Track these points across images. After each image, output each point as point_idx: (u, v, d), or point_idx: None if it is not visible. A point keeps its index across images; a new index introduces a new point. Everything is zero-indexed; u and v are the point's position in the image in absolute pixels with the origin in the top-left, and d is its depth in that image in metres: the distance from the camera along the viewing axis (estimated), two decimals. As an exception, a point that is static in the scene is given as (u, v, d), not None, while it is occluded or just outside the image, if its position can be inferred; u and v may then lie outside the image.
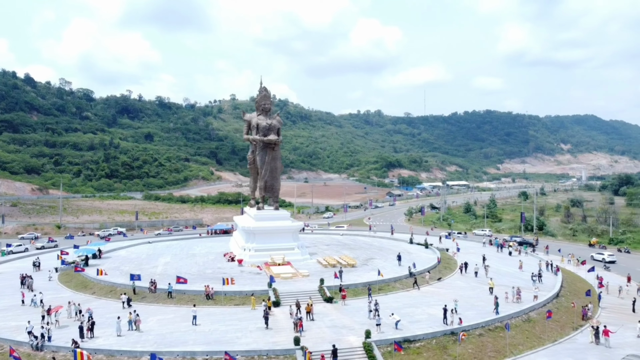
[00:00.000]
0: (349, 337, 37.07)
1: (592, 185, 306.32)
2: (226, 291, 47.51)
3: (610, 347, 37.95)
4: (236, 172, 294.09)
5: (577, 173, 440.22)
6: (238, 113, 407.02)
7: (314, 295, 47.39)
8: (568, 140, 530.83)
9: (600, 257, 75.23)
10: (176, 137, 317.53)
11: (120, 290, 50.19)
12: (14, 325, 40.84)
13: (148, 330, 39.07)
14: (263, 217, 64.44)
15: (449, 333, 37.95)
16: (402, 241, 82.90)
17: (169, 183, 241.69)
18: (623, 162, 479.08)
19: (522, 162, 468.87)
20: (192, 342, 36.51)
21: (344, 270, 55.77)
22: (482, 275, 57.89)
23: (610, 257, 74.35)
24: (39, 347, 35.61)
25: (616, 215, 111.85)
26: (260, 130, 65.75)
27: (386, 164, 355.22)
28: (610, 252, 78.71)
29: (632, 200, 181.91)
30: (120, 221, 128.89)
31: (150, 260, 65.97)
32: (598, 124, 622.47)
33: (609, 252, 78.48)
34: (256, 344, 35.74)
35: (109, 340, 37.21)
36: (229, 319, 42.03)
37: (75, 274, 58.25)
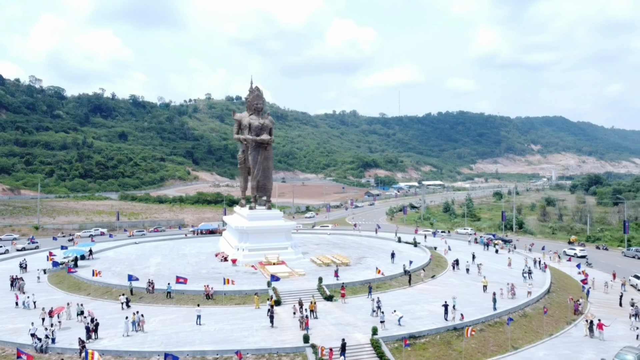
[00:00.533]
0: (355, 334, 37.57)
1: (562, 185, 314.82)
2: (226, 291, 47.52)
3: (604, 339, 39.46)
4: (213, 172, 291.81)
5: (547, 173, 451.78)
6: (214, 112, 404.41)
7: (314, 293, 47.74)
8: (538, 141, 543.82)
9: (572, 252, 79.10)
10: (151, 136, 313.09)
11: (116, 292, 49.64)
12: (12, 328, 40.08)
13: (152, 331, 38.83)
14: (256, 217, 64.44)
15: (452, 329, 38.84)
16: (389, 240, 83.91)
17: (144, 183, 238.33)
18: (590, 163, 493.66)
19: (494, 162, 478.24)
20: (199, 341, 36.47)
21: (339, 268, 56.26)
22: (473, 272, 59.25)
23: (581, 252, 78.48)
24: (44, 349, 35.06)
25: (591, 214, 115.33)
26: (252, 129, 65.72)
27: (362, 164, 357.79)
28: (582, 248, 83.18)
29: (602, 199, 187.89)
30: (100, 222, 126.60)
31: (141, 261, 65.23)
32: (566, 125, 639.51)
33: (580, 248, 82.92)
34: (264, 343, 35.92)
35: (114, 341, 36.87)
36: (232, 318, 42.07)
37: (67, 275, 57.32)
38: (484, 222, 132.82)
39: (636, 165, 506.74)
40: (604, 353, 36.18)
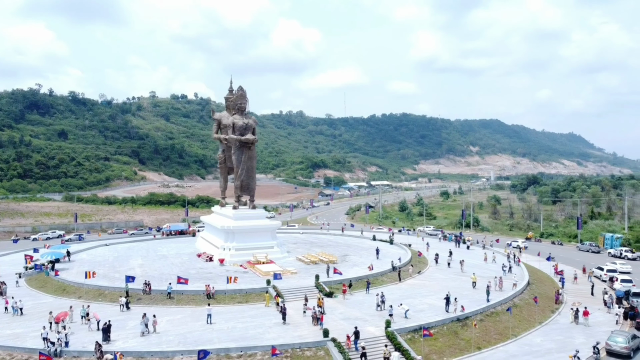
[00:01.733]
0: (368, 327, 38.96)
1: (502, 185, 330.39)
2: (226, 290, 47.61)
3: (589, 325, 43.04)
4: (160, 172, 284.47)
5: (485, 173, 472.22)
6: (159, 111, 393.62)
7: (311, 290, 48.76)
8: (476, 143, 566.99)
9: (515, 244, 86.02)
10: (93, 135, 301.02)
11: (109, 294, 48.63)
12: (11, 333, 38.55)
13: (164, 331, 38.56)
14: (242, 217, 64.49)
15: (456, 320, 41.09)
16: (364, 238, 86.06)
17: (89, 183, 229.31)
18: (524, 164, 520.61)
19: (436, 163, 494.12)
20: (217, 340, 36.65)
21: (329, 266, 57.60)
22: (454, 267, 62.23)
23: (523, 244, 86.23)
24: (58, 353, 34.11)
25: (540, 213, 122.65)
26: (236, 129, 65.70)
27: (311, 164, 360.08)
28: (523, 240, 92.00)
29: (542, 198, 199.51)
30: (51, 224, 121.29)
31: (122, 263, 63.66)
32: (502, 128, 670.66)
33: (522, 240, 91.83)
34: (283, 339, 36.59)
35: (129, 342, 36.41)
36: (239, 316, 42.37)
37: (47, 278, 55.50)
38: (439, 221, 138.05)
39: (565, 166, 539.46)
40: (591, 337, 39.47)
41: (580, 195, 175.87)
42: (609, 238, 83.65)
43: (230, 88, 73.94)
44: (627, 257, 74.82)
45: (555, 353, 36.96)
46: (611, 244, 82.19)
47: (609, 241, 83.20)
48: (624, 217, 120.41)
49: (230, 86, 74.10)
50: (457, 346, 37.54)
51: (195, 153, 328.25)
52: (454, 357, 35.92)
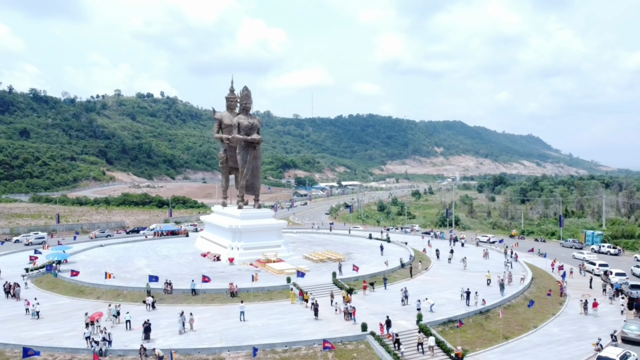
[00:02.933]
0: (399, 321, 40.33)
1: (468, 185, 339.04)
2: (248, 288, 48.11)
3: (597, 316, 45.79)
4: (129, 172, 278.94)
5: (450, 174, 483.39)
6: (124, 110, 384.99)
7: (329, 287, 49.79)
8: (441, 144, 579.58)
9: (485, 239, 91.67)
10: (56, 134, 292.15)
11: (128, 294, 48.37)
12: (43, 335, 38.01)
13: (200, 329, 38.86)
14: (249, 216, 64.85)
15: (478, 312, 43.04)
16: (360, 237, 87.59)
17: (56, 184, 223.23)
18: (487, 164, 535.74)
19: (402, 164, 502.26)
20: (257, 336, 37.25)
21: (334, 264, 58.96)
22: (455, 264, 64.51)
23: (493, 239, 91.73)
24: (102, 352, 34.01)
25: (516, 211, 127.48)
26: (242, 129, 65.98)
27: (282, 164, 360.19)
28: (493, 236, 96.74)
29: (513, 197, 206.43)
30: (26, 225, 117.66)
31: (127, 263, 62.94)
32: (464, 129, 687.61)
33: (492, 235, 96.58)
34: (321, 334, 37.55)
35: (169, 340, 36.58)
36: (268, 313, 43.03)
37: (56, 280, 54.67)
38: (418, 220, 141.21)
39: (525, 166, 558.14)
40: (603, 327, 42.24)
41: (547, 195, 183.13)
42: (590, 235, 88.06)
43: (232, 88, 74.10)
44: (609, 252, 78.96)
45: (575, 342, 39.29)
46: (592, 240, 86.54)
47: (589, 238, 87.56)
48: (594, 215, 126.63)
49: (231, 86, 74.28)
50: (485, 337, 39.41)
51: (163, 153, 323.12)
52: (484, 348, 37.70)
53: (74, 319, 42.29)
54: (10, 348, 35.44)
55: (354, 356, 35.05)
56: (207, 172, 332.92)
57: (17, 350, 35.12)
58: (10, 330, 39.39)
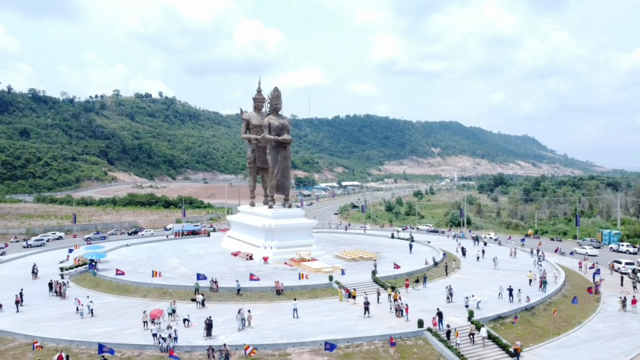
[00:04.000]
0: (449, 318, 41.10)
1: (468, 185, 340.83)
2: (293, 286, 48.82)
3: (636, 312, 46.90)
4: (130, 172, 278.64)
5: (447, 174, 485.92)
6: (123, 110, 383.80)
7: (369, 285, 50.60)
8: (437, 144, 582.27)
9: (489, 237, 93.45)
10: (56, 134, 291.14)
11: (173, 292, 48.88)
12: (102, 332, 38.49)
13: (258, 326, 39.52)
14: (280, 215, 65.52)
15: (524, 309, 44.00)
16: (380, 236, 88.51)
17: (58, 184, 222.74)
18: (484, 165, 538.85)
19: (400, 164, 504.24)
20: (315, 332, 37.98)
21: (367, 263, 59.92)
22: (484, 262, 65.53)
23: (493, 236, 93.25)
24: (171, 348, 34.57)
25: (525, 211, 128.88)
26: (272, 129, 66.67)
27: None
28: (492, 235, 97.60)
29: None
30: (39, 225, 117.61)
31: (161, 262, 63.42)
32: (460, 129, 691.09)
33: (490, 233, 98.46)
34: (378, 330, 38.32)
35: (230, 337, 37.15)
36: (318, 311, 43.73)
37: (95, 278, 55.26)
38: (427, 220, 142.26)
39: (521, 167, 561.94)
40: (644, 323, 43.39)
41: (551, 195, 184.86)
42: (607, 234, 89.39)
43: (259, 89, 74.80)
44: (628, 251, 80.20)
45: (622, 337, 40.34)
46: (609, 239, 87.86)
47: (606, 237, 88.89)
48: (603, 214, 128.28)
49: (259, 87, 74.98)
50: (535, 333, 40.36)
51: (163, 153, 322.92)
52: (537, 343, 38.64)
53: (127, 316, 42.87)
54: (76, 345, 35.97)
55: (414, 352, 35.86)
56: (207, 172, 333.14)
57: (83, 346, 35.74)
58: (68, 327, 39.86)
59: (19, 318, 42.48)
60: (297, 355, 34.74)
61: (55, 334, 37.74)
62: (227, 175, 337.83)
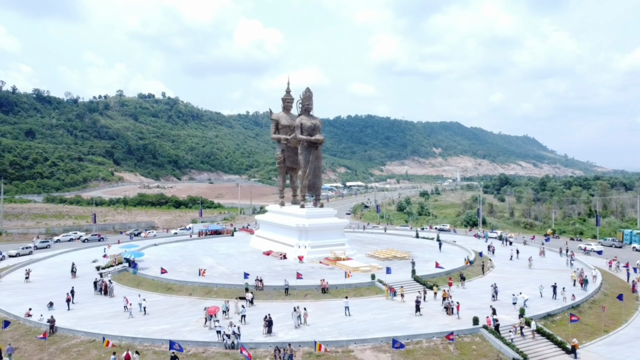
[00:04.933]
0: (500, 315, 41.64)
1: (471, 186, 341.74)
2: (337, 284, 49.31)
3: (678, 310, 47.56)
4: (136, 172, 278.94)
5: (449, 174, 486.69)
6: (126, 110, 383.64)
7: (410, 284, 51.10)
8: (439, 145, 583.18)
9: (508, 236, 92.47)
10: (61, 134, 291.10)
11: (218, 290, 49.38)
12: (160, 329, 38.95)
13: (313, 324, 39.99)
14: (313, 215, 66.00)
15: (570, 307, 44.58)
16: (405, 236, 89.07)
17: (66, 184, 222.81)
18: (485, 165, 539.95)
19: (401, 165, 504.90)
20: (372, 329, 38.45)
21: (401, 262, 60.52)
22: (516, 261, 66.22)
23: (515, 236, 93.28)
24: (235, 345, 35.06)
25: (540, 211, 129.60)
26: (305, 130, 67.21)
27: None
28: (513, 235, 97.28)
29: (520, 199, 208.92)
30: (56, 225, 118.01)
31: (196, 262, 63.80)
32: (461, 130, 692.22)
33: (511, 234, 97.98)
34: (433, 328, 38.84)
35: (289, 334, 37.65)
36: (367, 309, 44.21)
37: (135, 277, 55.71)
38: (440, 219, 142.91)
39: (522, 167, 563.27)
40: (687, 320, 44.00)
41: (560, 195, 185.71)
42: (628, 234, 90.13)
43: (288, 89, 75.28)
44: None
45: (670, 334, 40.98)
46: (630, 239, 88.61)
47: (627, 236, 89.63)
48: (617, 214, 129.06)
49: (288, 87, 75.44)
50: (585, 330, 40.93)
51: (168, 154, 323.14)
52: (589, 340, 39.23)
53: (179, 314, 43.34)
54: (139, 342, 36.42)
55: (473, 348, 36.40)
56: (211, 172, 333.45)
57: (146, 343, 36.22)
58: (124, 325, 40.35)
59: (73, 316, 42.88)
60: (360, 352, 35.23)
61: (115, 331, 38.14)
62: (231, 176, 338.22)
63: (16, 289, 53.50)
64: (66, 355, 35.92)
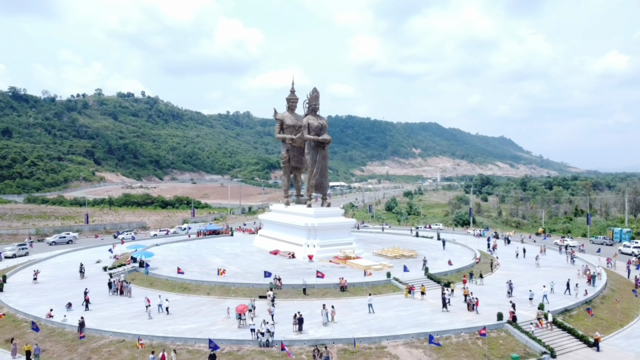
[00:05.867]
0: (519, 311, 42.76)
1: (453, 186, 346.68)
2: (354, 283, 49.86)
3: (683, 305, 49.42)
4: (118, 172, 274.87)
5: (428, 175, 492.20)
6: (105, 109, 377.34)
7: (425, 281, 51.96)
8: (418, 145, 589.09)
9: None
10: (39, 133, 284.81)
11: (236, 290, 49.44)
12: (188, 329, 38.88)
13: (340, 321, 40.40)
14: (322, 214, 66.35)
15: (584, 302, 46.01)
16: (404, 235, 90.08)
17: (47, 184, 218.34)
18: (463, 165, 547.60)
19: (382, 165, 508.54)
20: (399, 326, 39.08)
21: (409, 260, 61.43)
22: (521, 259, 67.92)
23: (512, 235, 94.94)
24: (270, 343, 35.29)
25: (527, 210, 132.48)
26: (312, 129, 67.59)
27: (267, 165, 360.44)
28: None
29: (503, 198, 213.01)
30: (44, 226, 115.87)
31: (204, 261, 63.60)
32: (440, 130, 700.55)
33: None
34: (458, 323, 39.67)
35: (319, 332, 38.01)
36: (388, 306, 44.79)
37: (147, 277, 55.20)
38: (429, 219, 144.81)
39: (499, 167, 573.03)
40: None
41: (543, 195, 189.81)
42: (618, 232, 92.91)
43: (292, 89, 75.56)
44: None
45: (681, 327, 42.67)
46: (620, 237, 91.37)
47: (617, 234, 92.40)
48: (602, 214, 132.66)
49: (292, 87, 75.67)
50: (601, 324, 42.29)
51: (149, 153, 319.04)
52: (607, 334, 40.56)
53: (203, 313, 43.30)
54: (171, 341, 36.33)
55: (500, 343, 37.33)
56: (194, 172, 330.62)
57: (178, 342, 36.11)
58: (150, 324, 40.14)
59: (94, 316, 42.36)
60: (393, 347, 35.82)
61: (143, 331, 37.92)
62: (213, 176, 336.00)
63: (27, 290, 52.58)
64: (97, 355, 35.61)
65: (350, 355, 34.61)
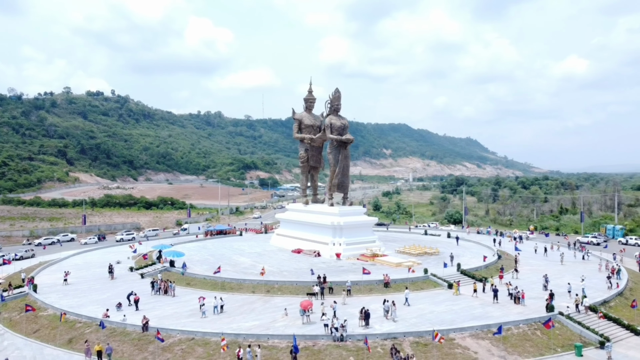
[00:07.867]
0: (560, 304, 44.77)
1: (428, 186, 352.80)
2: (395, 279, 51.00)
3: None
4: (91, 173, 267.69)
5: (399, 175, 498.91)
6: (75, 108, 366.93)
7: (457, 277, 53.56)
8: (389, 146, 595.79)
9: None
10: (6, 132, 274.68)
11: (279, 288, 49.84)
12: (251, 325, 39.20)
13: (400, 316, 41.39)
14: (346, 213, 67.15)
15: (619, 294, 48.54)
16: (414, 233, 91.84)
17: (19, 185, 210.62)
18: (433, 166, 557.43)
19: (354, 165, 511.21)
20: (457, 320, 40.33)
21: (433, 257, 63.12)
22: (540, 255, 70.57)
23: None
24: (344, 337, 36.01)
25: (514, 209, 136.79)
26: (335, 129, 68.35)
27: (242, 165, 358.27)
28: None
29: (480, 198, 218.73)
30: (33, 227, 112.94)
31: (230, 261, 63.65)
32: (409, 131, 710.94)
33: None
34: (513, 316, 41.27)
35: (384, 326, 39.03)
36: (436, 301, 46.08)
37: (183, 277, 54.87)
38: (417, 218, 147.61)
39: (467, 168, 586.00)
40: None
41: (520, 194, 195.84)
42: (611, 229, 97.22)
43: (310, 89, 76.07)
44: (637, 244, 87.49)
45: None
46: (613, 233, 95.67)
47: (610, 231, 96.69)
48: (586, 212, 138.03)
49: (310, 87, 76.20)
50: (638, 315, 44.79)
51: (122, 154, 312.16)
52: (646, 324, 43.03)
53: (259, 311, 43.58)
54: (243, 337, 36.57)
55: (557, 333, 39.11)
56: (168, 173, 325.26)
57: (251, 339, 36.37)
58: (211, 322, 40.18)
59: (150, 316, 41.87)
60: (461, 339, 37.09)
61: (208, 329, 38.07)
62: (188, 176, 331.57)
63: (62, 292, 51.53)
64: (171, 354, 35.54)
65: (423, 347, 35.68)
